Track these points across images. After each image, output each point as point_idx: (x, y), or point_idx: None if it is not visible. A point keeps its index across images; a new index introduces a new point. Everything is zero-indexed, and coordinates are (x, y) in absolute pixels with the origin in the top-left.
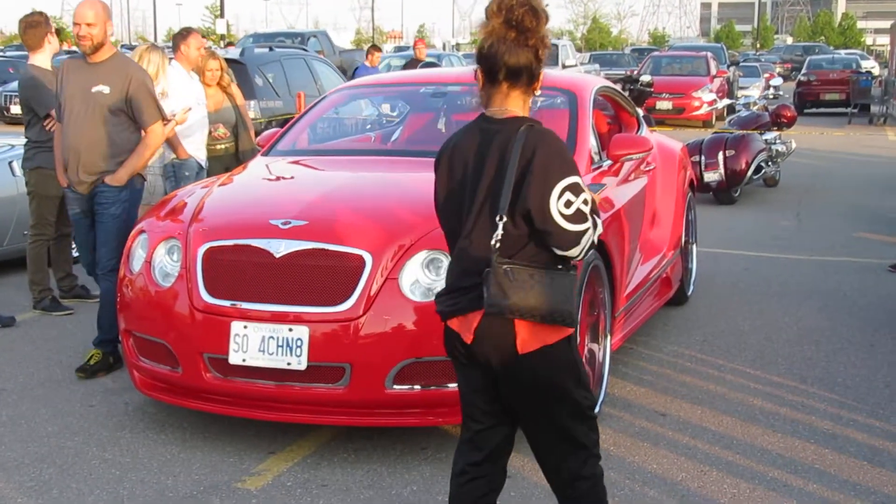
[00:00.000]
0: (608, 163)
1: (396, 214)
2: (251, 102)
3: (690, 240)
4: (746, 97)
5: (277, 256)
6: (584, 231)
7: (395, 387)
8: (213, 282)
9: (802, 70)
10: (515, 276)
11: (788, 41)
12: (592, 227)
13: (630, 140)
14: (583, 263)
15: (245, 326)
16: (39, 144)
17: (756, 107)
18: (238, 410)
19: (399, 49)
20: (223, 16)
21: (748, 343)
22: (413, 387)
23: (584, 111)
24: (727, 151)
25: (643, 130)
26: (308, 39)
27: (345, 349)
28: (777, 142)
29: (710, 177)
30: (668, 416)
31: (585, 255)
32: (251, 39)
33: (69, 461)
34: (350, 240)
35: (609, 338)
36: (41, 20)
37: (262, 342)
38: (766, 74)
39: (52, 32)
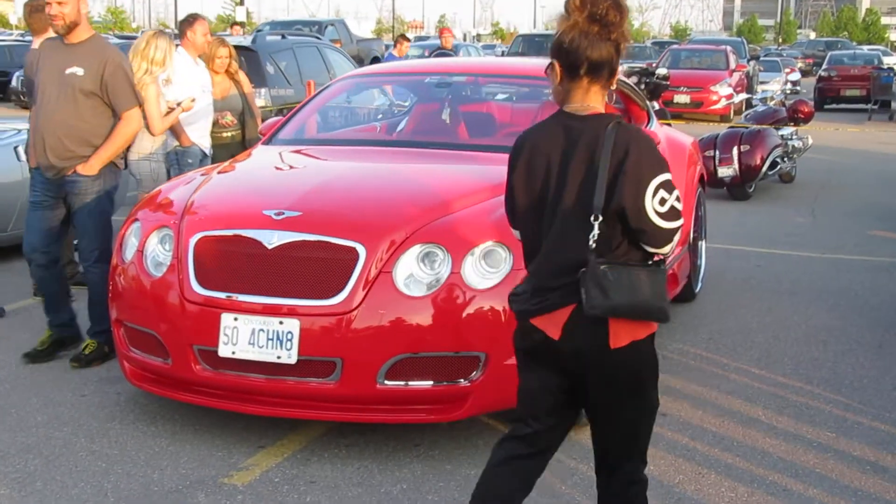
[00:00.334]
0: None
1: (393, 206)
2: (262, 90)
3: (699, 236)
4: (764, 92)
5: (270, 248)
6: (678, 228)
7: (388, 382)
8: (205, 272)
9: (823, 65)
10: (613, 276)
11: (811, 36)
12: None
13: None
14: None
15: (235, 318)
16: None
17: (773, 102)
18: (227, 404)
19: (419, 38)
20: (243, 3)
21: (755, 342)
22: (405, 383)
23: None
24: (742, 146)
25: (653, 124)
26: (325, 28)
27: (336, 343)
28: (793, 137)
29: (725, 172)
30: (668, 416)
31: (672, 252)
32: (268, 27)
33: (56, 452)
34: (344, 232)
35: None
36: (46, 4)
37: (253, 335)
38: (787, 69)
39: None
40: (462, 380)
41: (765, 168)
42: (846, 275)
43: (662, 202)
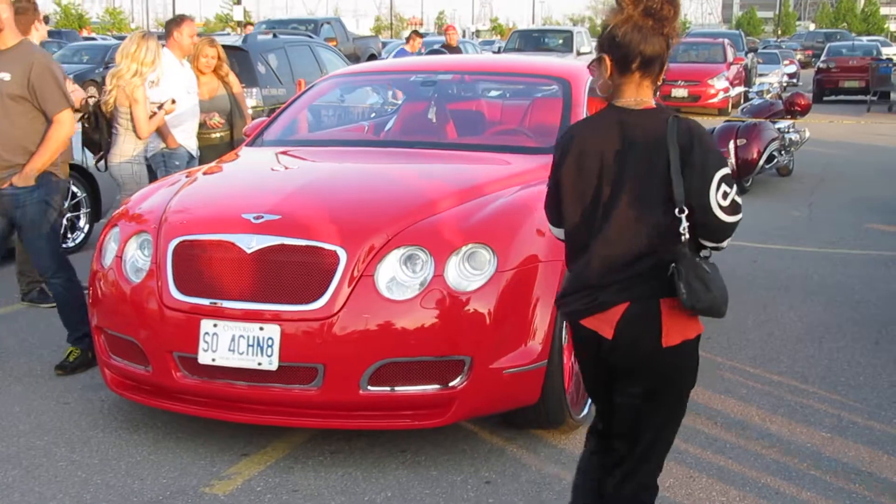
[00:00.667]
0: None
1: (375, 208)
2: (253, 90)
3: None
4: (760, 85)
5: (249, 252)
6: (738, 222)
7: (371, 388)
8: (184, 278)
9: (822, 57)
10: (711, 269)
11: (811, 28)
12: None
13: None
14: None
15: (215, 325)
16: None
17: (770, 95)
18: (208, 411)
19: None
20: (240, 2)
21: (750, 339)
22: (389, 388)
23: (579, 100)
24: (738, 140)
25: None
26: (322, 26)
27: (317, 349)
28: (790, 130)
29: None
30: None
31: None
32: (264, 26)
33: (36, 462)
34: (324, 235)
35: None
36: (29, 6)
37: (233, 341)
38: (787, 61)
39: (40, 20)
40: (447, 384)
41: (761, 162)
42: (843, 270)
43: (725, 196)
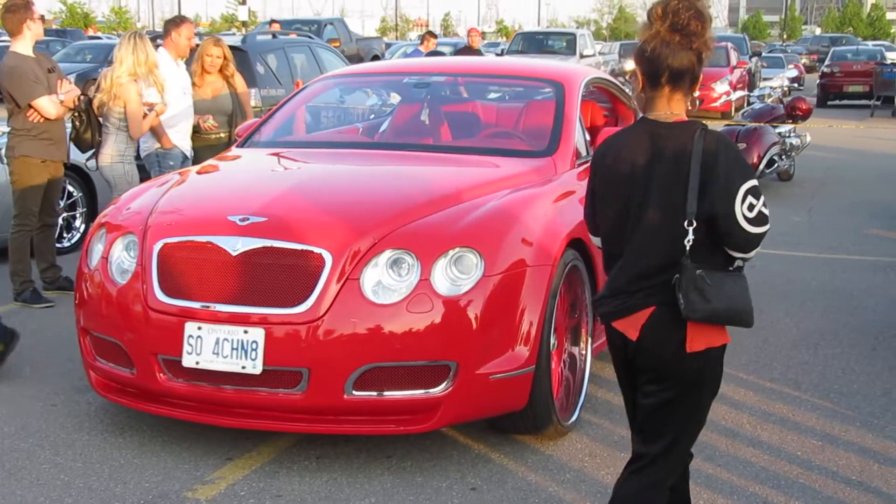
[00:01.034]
0: None
1: (363, 211)
2: (252, 91)
3: None
4: (761, 89)
5: (234, 254)
6: (765, 233)
7: (356, 393)
8: (168, 280)
9: (826, 61)
10: (712, 280)
11: (817, 32)
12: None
13: None
14: (559, 263)
15: (199, 328)
16: (24, 133)
17: (771, 99)
18: (192, 415)
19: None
20: (245, 2)
21: (744, 346)
22: (374, 393)
23: (572, 103)
24: (738, 144)
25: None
26: (325, 27)
27: (302, 353)
28: (791, 135)
29: None
30: None
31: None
32: (266, 26)
33: (19, 465)
34: (310, 237)
35: (591, 341)
36: (20, 5)
37: (217, 344)
38: (791, 65)
39: (34, 18)
40: (432, 390)
41: (762, 166)
42: (841, 275)
43: (751, 207)
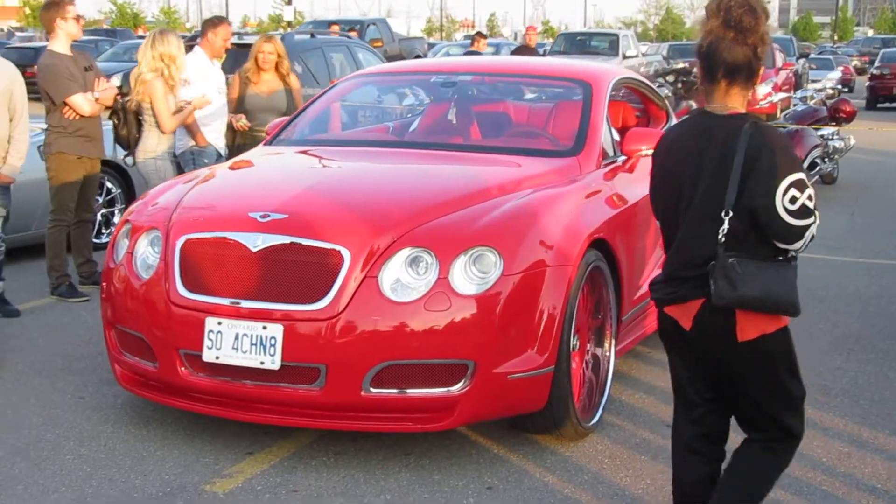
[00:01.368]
0: (623, 158)
1: (383, 209)
2: None
3: None
4: (804, 91)
5: (254, 251)
6: (809, 226)
7: (373, 390)
8: (190, 275)
9: (875, 63)
10: (742, 269)
11: (869, 34)
12: (815, 221)
13: (644, 134)
14: (581, 264)
15: (219, 323)
16: (60, 130)
17: (813, 101)
18: (212, 409)
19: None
20: (291, 2)
21: None
22: (391, 391)
23: (599, 103)
24: None
25: (671, 124)
26: (367, 27)
27: (320, 349)
28: (834, 138)
29: None
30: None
31: (806, 248)
32: (311, 26)
33: (43, 455)
34: (329, 235)
35: (615, 342)
36: (53, 4)
37: (236, 339)
38: (842, 67)
39: (65, 17)
40: (449, 388)
41: None
42: (880, 281)
43: (793, 200)
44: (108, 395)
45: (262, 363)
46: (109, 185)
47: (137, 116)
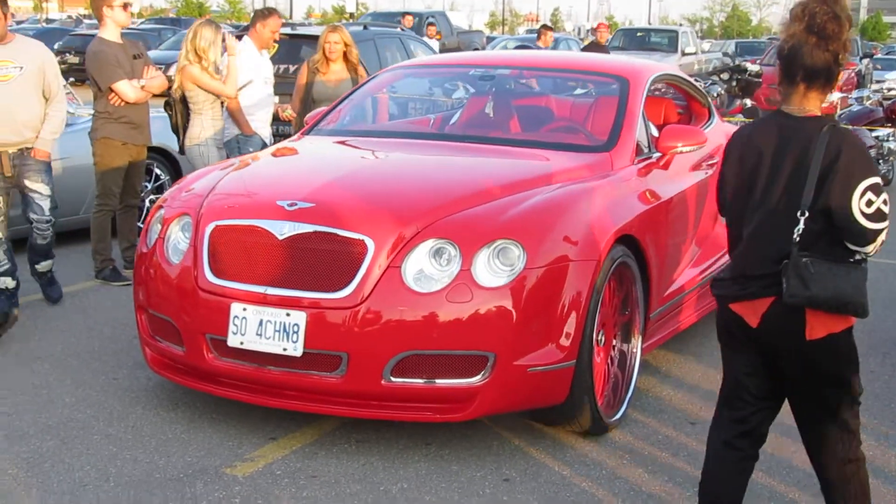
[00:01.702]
0: (658, 155)
1: (408, 200)
2: None
3: None
4: (860, 91)
5: (281, 238)
6: (883, 229)
7: (394, 379)
8: (217, 261)
9: None
10: (815, 269)
11: None
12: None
13: (680, 132)
14: (606, 259)
15: (244, 309)
16: (106, 115)
17: (869, 102)
18: (237, 394)
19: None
20: None
21: None
22: (412, 380)
23: (635, 99)
24: None
25: (713, 122)
26: (426, 19)
27: (342, 337)
28: (890, 139)
29: None
30: (698, 426)
31: (876, 252)
32: (370, 17)
33: (72, 434)
34: (354, 224)
35: (641, 339)
36: None
37: (260, 326)
38: None
39: (111, 5)
40: (469, 379)
41: None
42: None
43: (869, 204)
44: (141, 378)
45: (285, 350)
46: (158, 172)
47: (185, 105)
